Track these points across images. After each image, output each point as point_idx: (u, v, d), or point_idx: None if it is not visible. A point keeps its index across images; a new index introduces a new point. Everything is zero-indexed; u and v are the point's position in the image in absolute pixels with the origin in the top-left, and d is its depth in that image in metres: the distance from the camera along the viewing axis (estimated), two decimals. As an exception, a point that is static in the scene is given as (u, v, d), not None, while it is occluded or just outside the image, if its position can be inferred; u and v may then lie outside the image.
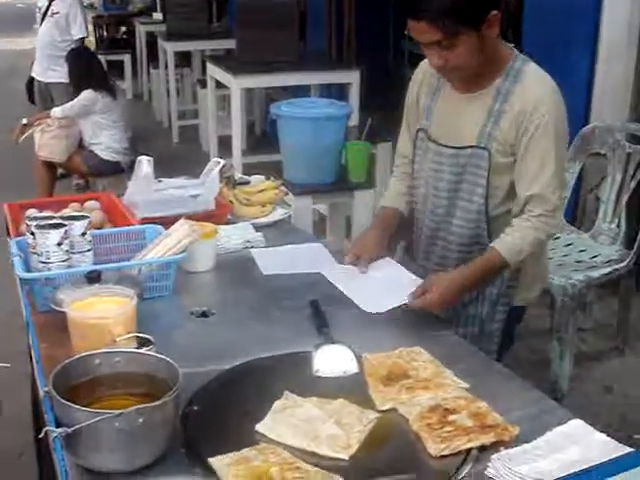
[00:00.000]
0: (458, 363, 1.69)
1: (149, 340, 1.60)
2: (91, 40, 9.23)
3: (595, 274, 3.23)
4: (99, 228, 2.26)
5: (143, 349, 1.56)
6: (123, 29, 11.31)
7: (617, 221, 3.45)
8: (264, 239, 2.42)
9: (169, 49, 7.51)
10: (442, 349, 1.76)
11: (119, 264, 2.01)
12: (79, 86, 5.30)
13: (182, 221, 2.10)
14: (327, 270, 2.16)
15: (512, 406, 1.53)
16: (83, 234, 1.98)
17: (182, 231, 2.06)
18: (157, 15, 9.35)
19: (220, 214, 2.51)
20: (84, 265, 1.97)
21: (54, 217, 2.03)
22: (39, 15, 6.29)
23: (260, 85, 6.22)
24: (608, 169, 3.52)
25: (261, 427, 1.47)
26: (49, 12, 6.12)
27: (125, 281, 1.84)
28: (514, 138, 2.01)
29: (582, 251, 3.44)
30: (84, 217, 2.02)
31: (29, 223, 1.95)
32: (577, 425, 1.46)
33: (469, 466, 1.36)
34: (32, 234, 1.91)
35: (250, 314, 1.98)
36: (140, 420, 1.31)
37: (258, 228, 2.49)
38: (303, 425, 1.46)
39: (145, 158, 2.49)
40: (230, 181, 2.72)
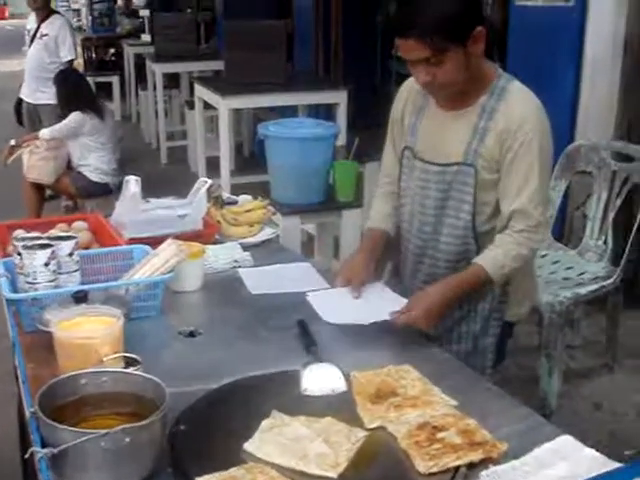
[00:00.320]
0: (446, 380, 1.69)
1: (136, 360, 1.59)
2: (80, 62, 9.28)
3: (582, 291, 3.24)
4: (86, 248, 2.26)
5: (130, 369, 1.56)
6: (112, 51, 11.39)
7: (604, 238, 3.47)
8: (252, 259, 2.42)
9: (157, 70, 7.53)
10: (430, 366, 1.75)
11: (106, 284, 2.01)
12: (67, 108, 5.29)
13: (170, 241, 2.10)
14: (311, 295, 2.12)
15: (501, 423, 1.53)
16: (70, 254, 1.98)
17: (169, 251, 2.06)
18: (145, 37, 9.40)
19: (208, 234, 2.51)
20: (71, 285, 1.96)
21: (41, 237, 2.02)
22: (28, 37, 6.30)
23: (248, 106, 6.24)
24: (594, 187, 3.54)
25: (249, 446, 1.46)
26: (38, 34, 6.14)
27: (112, 301, 1.84)
28: (499, 154, 2.02)
29: (569, 268, 3.45)
30: (71, 237, 2.02)
31: (16, 244, 1.94)
32: (566, 441, 1.46)
33: (458, 483, 1.36)
34: (19, 254, 1.91)
35: (238, 333, 1.97)
36: (127, 440, 1.30)
37: (246, 248, 2.49)
38: (291, 444, 1.46)
39: (133, 178, 2.49)
40: (218, 201, 2.72)
